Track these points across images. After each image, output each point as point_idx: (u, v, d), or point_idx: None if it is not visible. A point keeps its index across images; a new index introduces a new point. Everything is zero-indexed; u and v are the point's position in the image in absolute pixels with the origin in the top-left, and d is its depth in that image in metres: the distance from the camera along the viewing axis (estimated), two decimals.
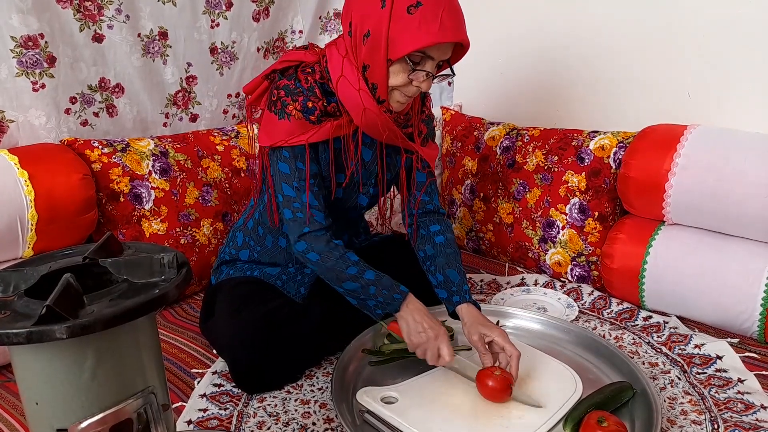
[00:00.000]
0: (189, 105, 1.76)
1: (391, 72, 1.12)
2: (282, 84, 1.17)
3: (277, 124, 1.16)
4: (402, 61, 1.10)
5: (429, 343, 1.12)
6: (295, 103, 1.15)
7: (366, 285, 1.16)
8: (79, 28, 1.49)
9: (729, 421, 1.08)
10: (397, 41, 1.07)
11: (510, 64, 2.02)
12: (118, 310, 0.60)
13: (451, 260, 1.27)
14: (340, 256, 1.17)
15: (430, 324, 1.13)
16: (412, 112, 1.26)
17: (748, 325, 1.35)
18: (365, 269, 1.17)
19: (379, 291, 1.15)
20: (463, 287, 1.23)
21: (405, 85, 1.13)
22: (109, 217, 1.47)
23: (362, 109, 1.15)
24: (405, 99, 1.16)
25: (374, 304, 1.17)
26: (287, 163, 1.18)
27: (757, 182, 1.32)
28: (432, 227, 1.32)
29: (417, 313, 1.14)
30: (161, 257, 0.68)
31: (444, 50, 1.11)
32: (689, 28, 1.58)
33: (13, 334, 0.56)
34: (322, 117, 1.17)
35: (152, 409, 0.68)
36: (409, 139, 1.27)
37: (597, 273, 1.62)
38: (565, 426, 1.02)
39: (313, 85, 1.16)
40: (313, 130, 1.16)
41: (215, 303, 1.31)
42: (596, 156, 1.62)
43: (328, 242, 1.18)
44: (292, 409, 1.15)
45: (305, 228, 1.17)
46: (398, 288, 1.17)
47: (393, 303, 1.15)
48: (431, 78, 1.12)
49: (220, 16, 1.74)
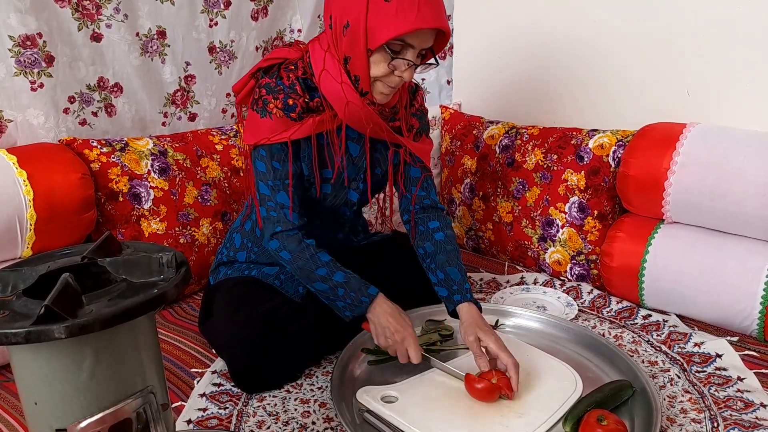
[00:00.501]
0: (188, 104, 1.76)
1: (372, 62, 1.11)
2: (263, 83, 1.18)
3: (260, 122, 1.17)
4: (382, 51, 1.09)
5: (396, 346, 1.14)
6: (276, 101, 1.15)
7: (335, 287, 1.17)
8: (78, 27, 1.49)
9: (729, 419, 1.08)
10: (376, 30, 1.06)
11: (509, 63, 2.02)
12: (116, 309, 0.60)
13: (452, 257, 1.26)
14: (310, 256, 1.18)
15: (396, 327, 1.14)
16: (399, 106, 1.25)
17: (747, 323, 1.35)
18: (335, 270, 1.18)
19: (347, 293, 1.16)
20: (464, 286, 1.23)
21: (387, 75, 1.12)
22: (108, 216, 1.47)
23: (345, 102, 1.15)
24: (389, 90, 1.15)
25: (343, 306, 1.17)
26: (264, 162, 1.19)
27: (756, 180, 1.32)
28: (431, 224, 1.32)
29: (383, 316, 1.15)
30: (160, 257, 0.68)
31: (424, 38, 1.10)
32: (688, 26, 1.58)
33: (11, 334, 0.56)
34: (303, 114, 1.17)
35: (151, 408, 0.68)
36: (398, 134, 1.27)
37: (596, 271, 1.62)
38: (564, 424, 1.02)
39: (294, 81, 1.16)
40: (295, 127, 1.16)
41: (213, 303, 1.31)
42: (595, 154, 1.62)
43: (300, 242, 1.19)
44: (292, 408, 1.15)
45: (278, 227, 1.19)
46: (366, 291, 1.17)
47: (360, 306, 1.16)
48: (413, 67, 1.12)
49: (219, 15, 1.73)
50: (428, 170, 1.34)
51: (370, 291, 1.17)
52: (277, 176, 1.19)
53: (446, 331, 1.31)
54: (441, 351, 1.26)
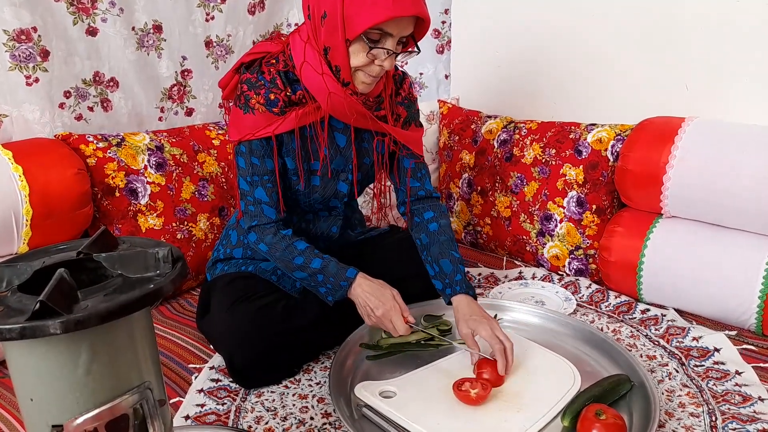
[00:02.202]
0: (184, 99, 1.75)
1: (351, 52, 1.10)
2: (245, 78, 1.18)
3: (243, 118, 1.17)
4: (360, 40, 1.08)
5: (382, 322, 1.16)
6: (258, 96, 1.15)
7: (313, 273, 1.19)
8: (73, 21, 1.48)
9: (727, 413, 1.08)
10: (353, 19, 1.05)
11: (507, 57, 2.01)
12: (112, 305, 0.59)
13: (444, 249, 1.28)
14: (286, 246, 1.20)
15: (377, 304, 1.16)
16: (385, 95, 1.24)
17: (745, 317, 1.35)
18: (312, 258, 1.19)
19: (326, 279, 1.18)
20: (455, 278, 1.24)
21: (367, 64, 1.11)
22: (104, 212, 1.46)
23: (327, 93, 1.15)
24: (370, 80, 1.14)
25: (325, 291, 1.20)
26: (243, 158, 1.19)
27: (754, 175, 1.32)
28: (426, 214, 1.33)
29: (363, 296, 1.17)
30: (156, 251, 0.67)
31: (403, 26, 1.08)
32: (687, 20, 1.58)
33: (6, 329, 0.55)
34: (286, 108, 1.17)
35: (148, 404, 0.67)
36: (383, 122, 1.26)
37: (595, 266, 1.62)
38: (563, 419, 1.02)
39: (275, 76, 1.16)
40: (278, 122, 1.16)
41: (211, 299, 1.31)
42: (594, 149, 1.62)
43: (275, 233, 1.21)
44: (290, 403, 1.15)
45: (254, 221, 1.21)
46: (344, 274, 1.18)
47: (340, 290, 1.18)
48: (393, 56, 1.11)
49: (215, 9, 1.72)
50: (418, 157, 1.34)
51: (348, 274, 1.18)
52: (255, 172, 1.19)
53: (444, 326, 1.31)
54: (439, 346, 1.26)
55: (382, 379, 1.14)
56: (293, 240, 1.20)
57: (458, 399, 1.06)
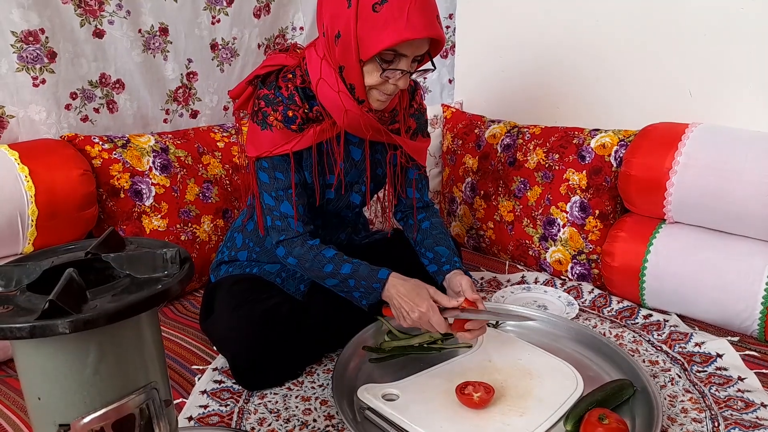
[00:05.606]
0: (189, 101, 1.76)
1: (365, 72, 1.10)
2: (262, 94, 1.17)
3: (261, 134, 1.17)
4: (373, 61, 1.08)
5: (420, 323, 1.14)
6: (276, 113, 1.15)
7: (344, 279, 1.18)
8: (80, 23, 1.49)
9: (729, 419, 1.08)
10: (366, 41, 1.05)
11: (511, 62, 2.02)
12: (120, 305, 0.60)
13: (439, 239, 1.30)
14: (315, 256, 1.19)
15: (411, 306, 1.13)
16: (400, 108, 1.24)
17: (748, 323, 1.35)
18: (342, 264, 1.18)
19: (358, 283, 1.17)
20: (453, 258, 1.26)
21: (381, 84, 1.11)
22: (109, 213, 1.47)
23: (344, 111, 1.15)
24: (385, 97, 1.15)
25: (359, 296, 1.19)
26: (267, 173, 1.19)
27: (758, 181, 1.32)
28: (418, 215, 1.36)
29: (397, 297, 1.15)
30: (164, 252, 0.68)
31: (417, 46, 1.08)
32: (691, 26, 1.58)
33: (16, 328, 0.56)
34: (304, 125, 1.17)
35: (155, 404, 0.68)
36: (396, 134, 1.26)
37: (597, 271, 1.62)
38: (566, 423, 1.02)
39: (293, 92, 1.16)
40: (296, 139, 1.16)
41: (215, 300, 1.31)
42: (597, 154, 1.62)
43: (303, 245, 1.20)
44: (293, 405, 1.15)
45: (282, 236, 1.20)
46: (376, 276, 1.17)
47: (374, 293, 1.17)
48: (408, 75, 1.11)
49: (221, 12, 1.73)
50: (420, 168, 1.35)
51: (380, 275, 1.17)
52: (280, 186, 1.19)
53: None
54: (442, 349, 1.26)
55: (385, 381, 1.14)
56: (321, 249, 1.20)
57: (461, 402, 1.06)
